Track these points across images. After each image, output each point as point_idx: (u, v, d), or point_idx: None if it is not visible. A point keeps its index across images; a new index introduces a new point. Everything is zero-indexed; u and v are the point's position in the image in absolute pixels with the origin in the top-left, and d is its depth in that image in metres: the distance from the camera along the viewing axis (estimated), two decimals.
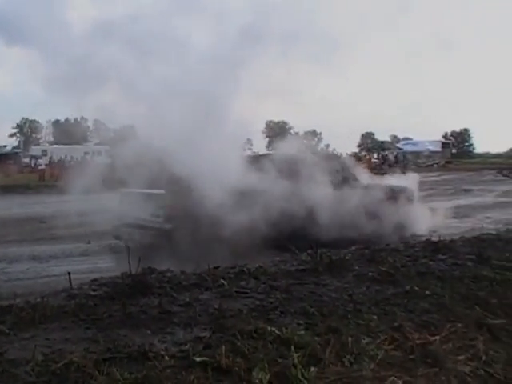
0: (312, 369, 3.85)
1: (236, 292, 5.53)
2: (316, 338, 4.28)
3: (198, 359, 3.85)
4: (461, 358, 4.43)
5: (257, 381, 3.62)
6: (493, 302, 5.53)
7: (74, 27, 12.35)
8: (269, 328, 4.35)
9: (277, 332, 4.28)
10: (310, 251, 6.91)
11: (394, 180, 14.82)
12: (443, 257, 7.20)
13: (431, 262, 6.85)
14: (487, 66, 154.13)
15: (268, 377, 3.68)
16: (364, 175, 13.92)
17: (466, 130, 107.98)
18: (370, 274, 6.21)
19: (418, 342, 4.48)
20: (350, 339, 4.29)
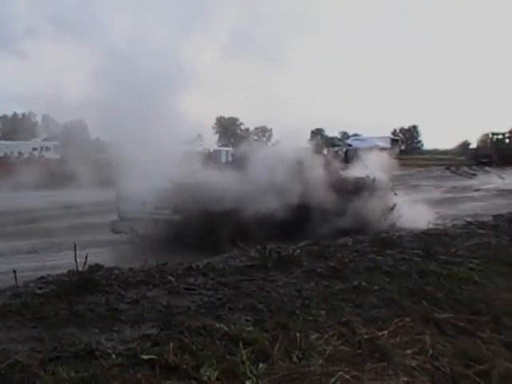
0: (260, 365, 3.85)
1: (184, 289, 5.49)
2: (264, 334, 4.27)
3: (145, 357, 3.81)
4: (408, 352, 4.47)
5: (205, 378, 3.60)
6: (439, 296, 5.62)
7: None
8: (217, 325, 4.33)
9: (225, 329, 4.26)
10: (258, 247, 6.89)
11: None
12: (391, 252, 7.28)
13: (379, 257, 6.91)
14: (436, 63, 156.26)
15: (216, 374, 3.66)
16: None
17: (414, 126, 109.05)
18: (318, 269, 6.23)
19: (365, 336, 4.51)
20: (298, 335, 4.30)
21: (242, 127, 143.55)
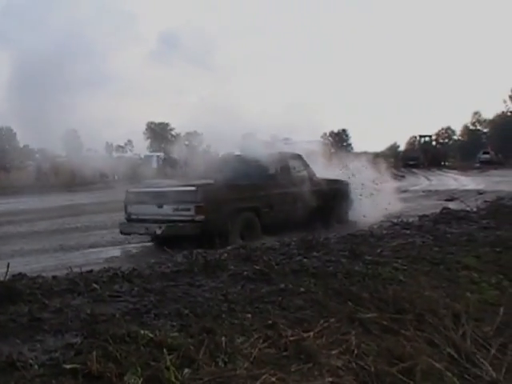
0: (186, 370, 3.84)
1: (109, 296, 5.42)
2: (190, 340, 4.26)
3: (68, 366, 3.75)
4: (334, 352, 4.54)
5: None
6: (364, 296, 5.70)
7: None
8: (142, 331, 4.29)
9: (150, 335, 4.22)
10: (185, 252, 6.88)
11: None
12: (317, 254, 7.33)
13: (305, 260, 6.95)
14: (365, 67, 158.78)
15: (141, 381, 3.64)
16: None
17: (343, 130, 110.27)
18: (245, 273, 6.24)
19: (291, 338, 4.55)
20: (223, 339, 4.29)
21: (173, 132, 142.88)
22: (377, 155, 29.58)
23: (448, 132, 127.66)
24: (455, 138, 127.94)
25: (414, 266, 7.07)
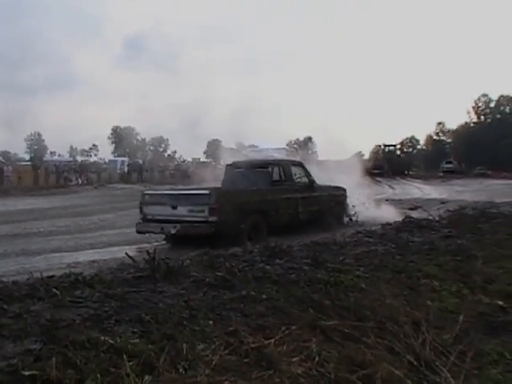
0: (146, 377, 3.82)
1: (70, 302, 5.35)
2: (150, 346, 4.23)
3: (26, 373, 3.69)
4: (295, 359, 4.54)
5: None
6: (326, 303, 5.73)
7: None
8: (102, 338, 4.25)
9: (110, 341, 4.19)
10: (147, 258, 6.83)
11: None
12: (280, 261, 7.35)
13: (268, 267, 6.95)
14: (330, 76, 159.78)
15: None
16: None
17: (309, 138, 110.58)
18: (207, 279, 6.22)
19: (252, 345, 4.55)
20: (184, 346, 4.28)
21: (139, 137, 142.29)
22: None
23: (412, 141, 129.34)
24: (419, 147, 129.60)
25: (376, 273, 7.12)
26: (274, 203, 15.34)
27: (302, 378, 4.35)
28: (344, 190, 18.83)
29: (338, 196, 18.33)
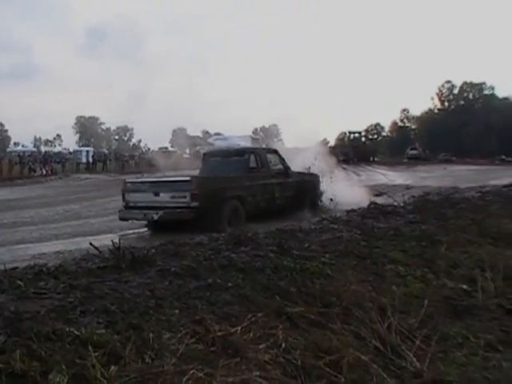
0: (112, 367, 3.81)
1: (34, 293, 5.29)
2: (116, 337, 4.21)
3: None
4: (261, 346, 4.56)
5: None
6: (292, 290, 5.75)
7: None
8: (67, 329, 4.22)
9: (75, 332, 4.16)
10: (112, 248, 6.79)
11: None
12: (246, 249, 7.35)
13: (234, 255, 6.95)
14: (295, 63, 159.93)
15: (66, 379, 3.59)
16: None
17: (274, 125, 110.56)
18: (172, 268, 6.20)
19: (219, 334, 4.55)
20: (151, 335, 4.28)
21: (103, 127, 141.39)
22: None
23: (377, 128, 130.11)
24: (384, 134, 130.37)
25: (342, 260, 7.16)
26: (251, 189, 15.92)
27: (269, 364, 4.37)
28: (317, 176, 19.50)
29: (312, 182, 18.98)
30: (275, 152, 18.29)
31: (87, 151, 70.98)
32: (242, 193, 15.53)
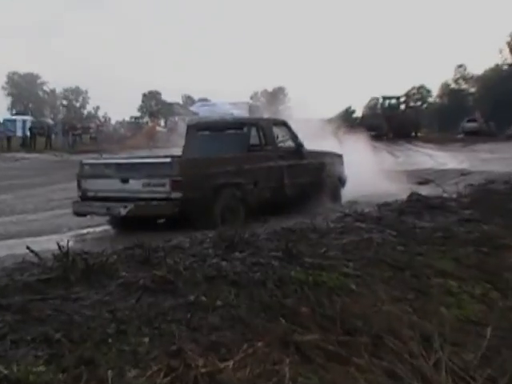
0: None
1: None
2: (61, 376, 4.21)
3: None
4: None
5: None
6: (303, 311, 5.75)
7: None
8: None
9: (4, 371, 4.15)
10: (57, 253, 6.77)
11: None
12: (241, 255, 7.33)
13: (224, 263, 6.92)
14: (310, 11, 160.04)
15: None
16: None
17: (281, 88, 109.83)
18: (141, 281, 6.19)
19: (203, 370, 4.55)
20: (109, 373, 4.27)
21: (46, 88, 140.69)
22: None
23: (421, 92, 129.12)
24: (431, 100, 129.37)
25: (371, 271, 7.17)
26: (252, 174, 15.78)
27: None
28: (340, 156, 19.38)
29: (332, 164, 18.62)
30: (284, 124, 17.98)
31: (23, 121, 70.75)
32: (240, 179, 15.35)
